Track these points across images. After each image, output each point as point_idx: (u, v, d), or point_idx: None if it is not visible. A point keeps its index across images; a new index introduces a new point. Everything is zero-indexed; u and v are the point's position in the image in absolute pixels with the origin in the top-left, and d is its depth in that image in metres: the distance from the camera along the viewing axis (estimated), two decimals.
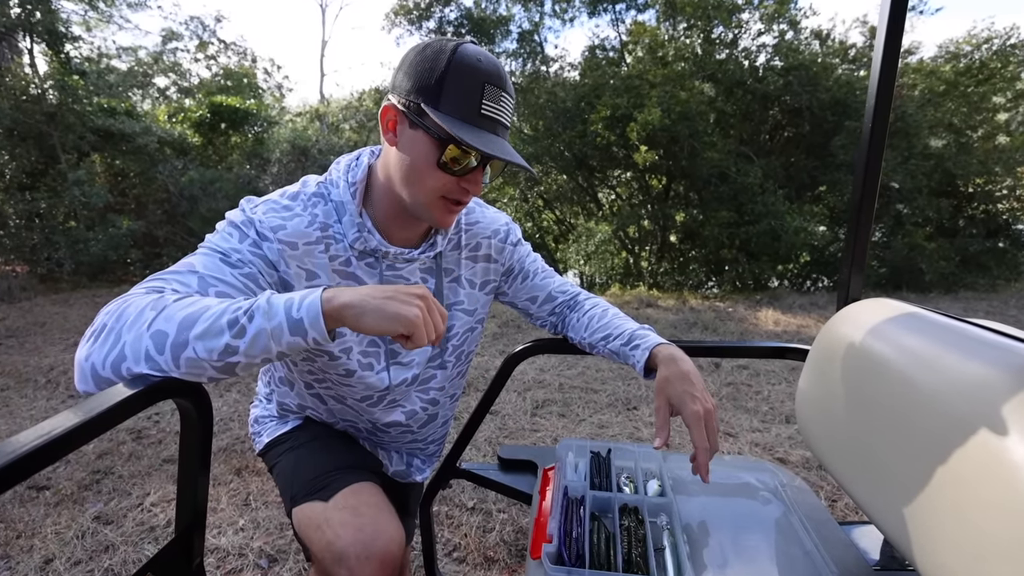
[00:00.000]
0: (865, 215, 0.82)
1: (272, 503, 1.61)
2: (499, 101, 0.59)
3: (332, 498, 0.67)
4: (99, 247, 5.13)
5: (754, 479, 0.82)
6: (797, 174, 5.87)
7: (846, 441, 0.67)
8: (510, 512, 1.57)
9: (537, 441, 2.04)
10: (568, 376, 2.74)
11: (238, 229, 0.62)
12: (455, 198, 0.63)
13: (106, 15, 7.20)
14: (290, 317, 0.49)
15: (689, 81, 5.46)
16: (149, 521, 1.52)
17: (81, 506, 1.59)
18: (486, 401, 0.94)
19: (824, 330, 0.77)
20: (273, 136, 6.41)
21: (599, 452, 0.81)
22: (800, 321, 4.30)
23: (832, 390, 0.71)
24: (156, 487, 1.70)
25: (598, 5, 6.15)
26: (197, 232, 5.49)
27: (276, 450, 0.80)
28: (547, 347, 0.90)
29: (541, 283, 0.86)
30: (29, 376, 2.79)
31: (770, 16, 5.70)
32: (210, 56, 8.11)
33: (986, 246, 5.93)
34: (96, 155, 5.73)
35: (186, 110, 6.34)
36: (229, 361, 0.49)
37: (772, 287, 5.79)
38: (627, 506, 0.68)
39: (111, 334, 0.49)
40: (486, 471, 0.98)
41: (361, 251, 0.67)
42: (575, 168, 6.15)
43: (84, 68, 5.92)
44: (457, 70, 0.58)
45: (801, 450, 2.00)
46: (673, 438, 2.10)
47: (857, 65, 6.00)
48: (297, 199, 0.66)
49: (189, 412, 0.54)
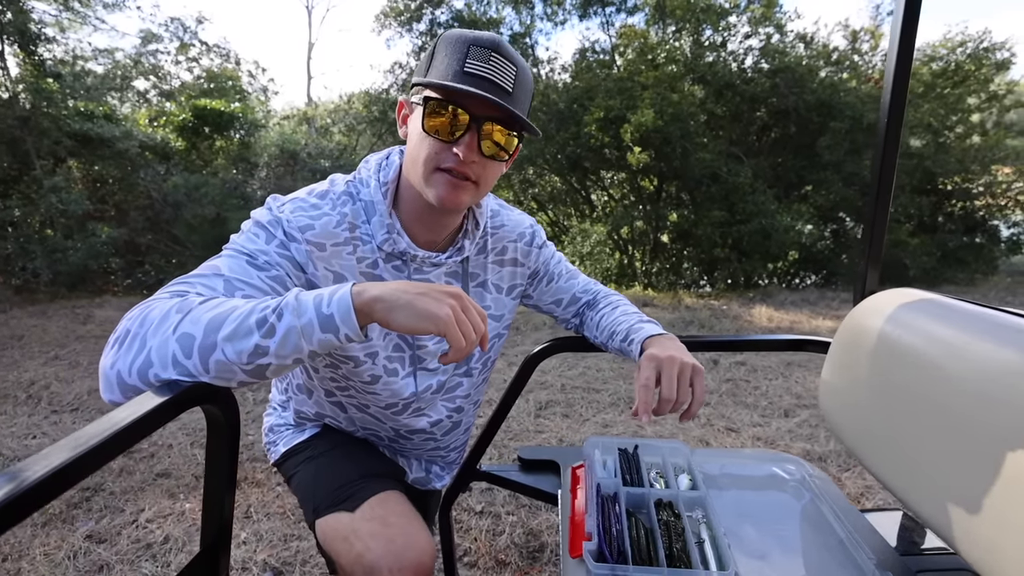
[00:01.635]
0: (881, 209, 0.83)
1: (274, 515, 1.57)
2: (488, 60, 0.56)
3: (358, 508, 0.65)
4: (78, 256, 4.97)
5: (781, 471, 0.83)
6: (785, 174, 6.00)
7: (876, 430, 0.67)
8: (519, 515, 1.56)
9: (543, 442, 2.05)
10: (570, 376, 2.75)
11: (265, 229, 0.60)
12: (448, 166, 0.59)
13: (81, 16, 7.00)
14: (320, 313, 0.47)
15: (680, 83, 5.56)
16: (145, 538, 1.47)
17: (71, 525, 1.52)
18: (506, 403, 0.93)
19: (847, 322, 0.77)
20: (260, 140, 6.31)
21: (626, 449, 0.81)
22: (792, 317, 4.39)
23: (859, 380, 0.71)
24: (151, 503, 1.65)
25: (588, 8, 6.23)
26: (182, 239, 5.37)
27: (294, 460, 0.78)
28: (567, 345, 0.89)
29: (566, 285, 0.85)
30: (8, 392, 2.68)
31: (757, 19, 5.84)
32: (192, 58, 7.97)
33: (964, 242, 6.15)
34: (73, 161, 5.56)
35: (168, 114, 6.20)
36: (259, 363, 0.47)
37: (763, 285, 5.90)
38: (661, 501, 0.68)
39: (136, 340, 0.47)
40: (507, 472, 0.97)
41: (389, 253, 0.65)
42: (569, 170, 6.19)
43: (59, 71, 5.74)
44: (444, 41, 0.58)
45: (802, 443, 2.04)
46: (690, 430, 2.14)
47: (839, 68, 6.17)
48: (326, 198, 0.64)
49: (218, 420, 0.52)
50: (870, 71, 6.39)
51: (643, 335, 0.72)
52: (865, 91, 5.78)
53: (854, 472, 1.81)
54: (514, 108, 0.57)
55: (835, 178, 5.66)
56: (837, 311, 4.58)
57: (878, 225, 0.84)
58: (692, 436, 2.08)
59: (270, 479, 1.79)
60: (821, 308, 4.72)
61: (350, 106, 7.57)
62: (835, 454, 1.93)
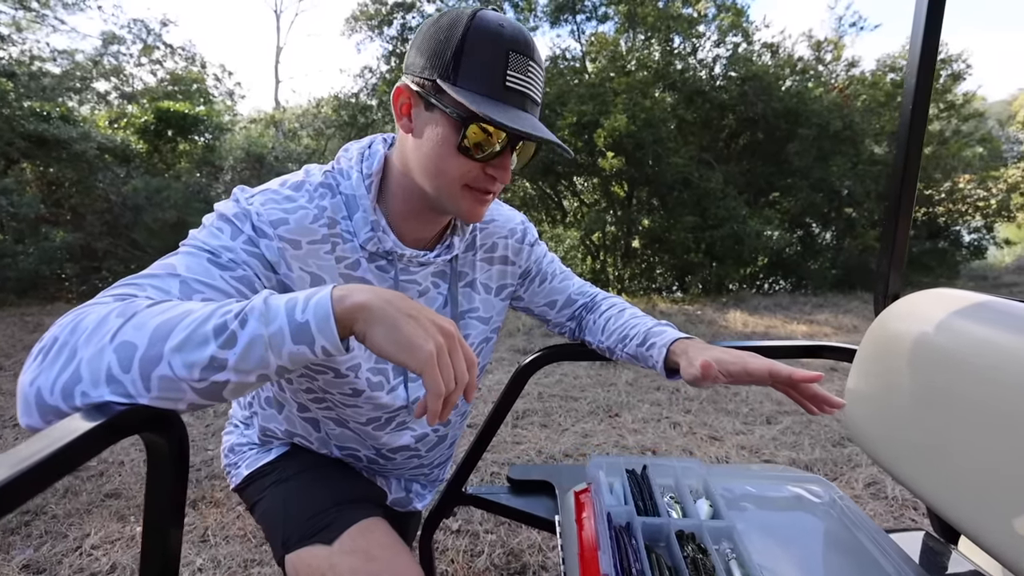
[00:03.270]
0: (905, 209, 0.79)
1: (234, 538, 1.50)
2: (527, 72, 0.51)
3: (336, 540, 0.59)
4: (29, 261, 4.76)
5: (805, 492, 0.76)
6: (754, 180, 6.18)
7: (915, 440, 0.62)
8: (498, 532, 1.50)
9: (521, 454, 2.01)
10: (546, 384, 2.73)
11: (230, 223, 0.52)
12: (482, 187, 0.55)
13: (39, 16, 6.74)
14: (293, 320, 0.39)
15: (651, 89, 5.67)
16: (89, 567, 1.37)
17: (6, 554, 1.42)
18: (494, 420, 0.86)
19: (875, 326, 0.73)
20: (226, 143, 6.18)
21: (634, 470, 0.72)
22: (767, 322, 4.49)
23: (893, 388, 0.66)
24: (97, 526, 1.55)
25: (559, 16, 6.31)
26: (142, 244, 5.17)
27: (258, 484, 0.70)
28: (562, 354, 0.83)
29: (560, 286, 0.79)
30: None
31: (725, 28, 6.02)
32: (155, 61, 7.77)
33: (927, 247, 6.43)
34: (27, 162, 5.32)
35: (129, 116, 6.01)
36: (215, 380, 0.39)
37: (734, 290, 6.04)
38: (683, 533, 0.60)
39: (64, 350, 0.39)
40: (496, 495, 0.89)
41: (373, 252, 0.59)
42: (541, 175, 6.24)
43: (14, 70, 5.49)
44: (476, 39, 0.50)
45: (787, 451, 2.04)
46: (673, 439, 2.10)
47: (804, 77, 6.40)
48: (301, 189, 0.57)
49: (160, 450, 0.43)
50: (834, 81, 6.66)
51: (667, 339, 0.66)
52: (830, 100, 6.02)
53: (841, 480, 1.81)
54: (539, 115, 0.55)
55: (802, 184, 5.86)
56: (810, 315, 4.72)
57: (901, 225, 0.79)
58: (675, 445, 2.06)
59: (230, 498, 1.71)
60: (794, 312, 4.85)
61: (319, 110, 7.49)
62: (821, 462, 1.93)
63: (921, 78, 0.74)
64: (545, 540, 1.47)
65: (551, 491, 0.85)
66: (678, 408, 2.45)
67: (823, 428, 2.24)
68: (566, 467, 0.94)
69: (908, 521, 1.59)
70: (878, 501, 1.69)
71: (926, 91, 0.75)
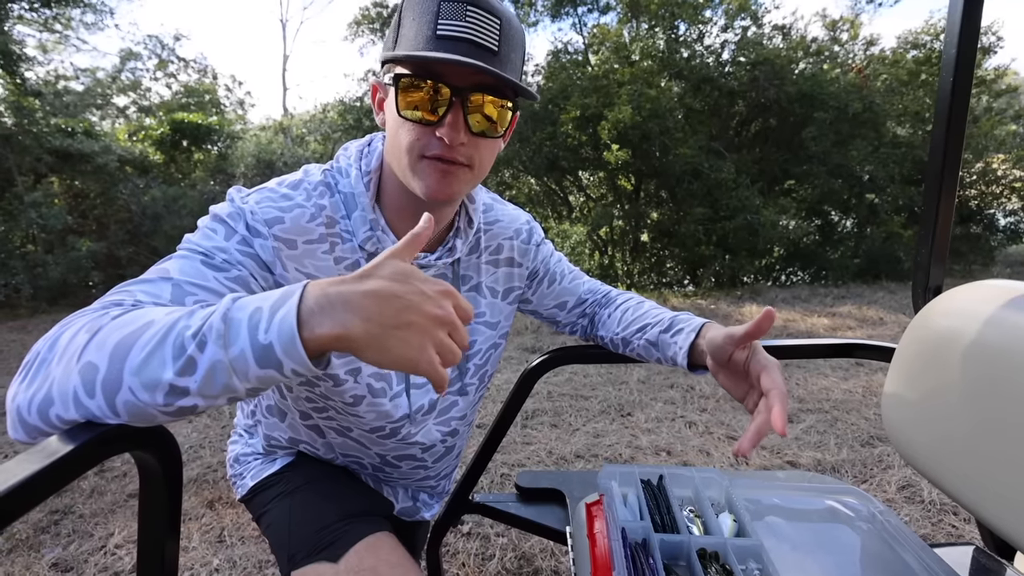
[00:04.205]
0: (947, 194, 0.73)
1: (249, 539, 1.54)
2: (464, 17, 0.47)
3: (342, 557, 0.57)
4: (59, 270, 5.01)
5: (840, 504, 0.70)
6: (768, 168, 6.01)
7: (963, 448, 0.58)
8: (509, 536, 1.47)
9: (531, 455, 1.97)
10: (556, 383, 2.69)
11: (224, 224, 0.50)
12: (434, 153, 0.50)
13: (62, 37, 7.05)
14: (255, 341, 0.35)
15: (656, 79, 5.57)
16: (113, 566, 1.43)
17: (37, 552, 1.49)
18: (501, 425, 0.83)
19: (917, 323, 0.68)
20: (237, 151, 6.37)
21: (650, 480, 0.68)
22: (786, 315, 4.36)
23: (939, 391, 0.61)
24: (120, 526, 1.61)
25: (560, 9, 6.26)
26: (161, 251, 5.36)
27: (264, 496, 0.68)
28: (571, 356, 0.80)
29: (570, 286, 0.76)
30: None
31: (733, 12, 5.86)
32: (170, 74, 8.10)
33: (959, 232, 6.14)
34: (54, 176, 5.62)
35: (147, 128, 6.25)
36: (182, 405, 0.36)
37: (749, 282, 5.89)
38: (706, 551, 0.56)
39: (41, 368, 0.38)
40: (504, 504, 0.86)
41: (372, 253, 0.57)
42: (546, 171, 6.21)
43: (40, 90, 5.78)
44: (410, 3, 0.50)
45: (811, 451, 1.94)
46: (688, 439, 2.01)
47: (819, 59, 6.19)
48: (299, 188, 0.55)
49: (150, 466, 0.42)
50: (852, 61, 6.42)
51: (696, 324, 0.62)
52: (847, 81, 5.80)
53: (872, 483, 1.71)
54: (503, 70, 0.48)
55: (820, 170, 5.66)
56: (831, 308, 4.54)
57: (943, 212, 0.73)
58: (691, 446, 2.00)
59: None
60: (814, 305, 4.69)
61: (325, 115, 7.65)
62: (849, 463, 1.83)
63: (962, 51, 0.68)
64: (558, 545, 1.44)
65: (561, 499, 0.82)
66: (693, 407, 2.38)
67: (849, 427, 2.13)
68: (576, 474, 0.90)
69: (948, 528, 1.49)
70: (913, 505, 1.57)
71: (968, 64, 0.69)
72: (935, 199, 0.73)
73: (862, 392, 2.53)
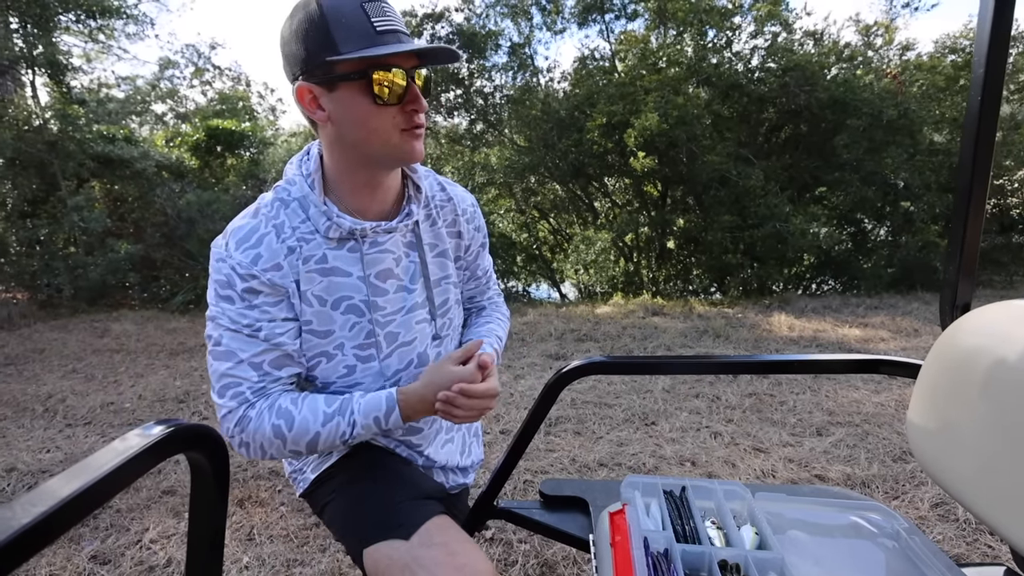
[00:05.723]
0: (976, 208, 0.72)
1: (278, 538, 1.56)
2: (384, 13, 0.58)
3: (415, 534, 0.63)
4: (98, 272, 5.20)
5: (864, 520, 0.70)
6: (798, 175, 5.89)
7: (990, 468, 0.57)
8: (532, 543, 1.48)
9: (554, 462, 1.99)
10: (579, 391, 2.69)
11: (230, 295, 0.63)
12: (411, 124, 0.62)
13: (105, 47, 7.39)
14: (380, 427, 0.66)
15: (684, 85, 5.54)
16: (148, 560, 1.47)
17: (77, 544, 1.54)
18: (526, 434, 0.85)
19: (943, 340, 0.67)
20: (269, 156, 6.55)
21: (672, 491, 0.70)
22: (816, 325, 4.25)
23: (964, 410, 0.61)
24: (155, 521, 1.66)
25: (587, 16, 6.29)
26: (194, 254, 5.52)
27: (327, 486, 0.75)
28: (600, 368, 0.80)
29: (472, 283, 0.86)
30: (27, 405, 2.77)
31: (763, 18, 5.78)
32: (205, 82, 8.39)
33: (999, 242, 5.89)
34: (95, 181, 5.86)
35: (183, 135, 6.47)
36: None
37: (778, 291, 5.75)
38: (727, 563, 0.57)
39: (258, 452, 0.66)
40: (528, 510, 0.88)
41: (338, 238, 0.66)
42: (571, 177, 6.19)
43: (84, 98, 6.06)
44: (331, 9, 0.57)
45: (841, 465, 1.90)
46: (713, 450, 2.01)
47: (852, 64, 6.04)
48: (258, 215, 0.65)
49: (203, 467, 0.48)
50: (886, 67, 6.23)
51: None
52: (883, 87, 5.64)
53: (904, 500, 1.67)
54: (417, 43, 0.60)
55: (853, 178, 5.52)
56: (863, 318, 4.43)
57: (971, 225, 0.72)
58: (716, 457, 1.99)
59: (274, 498, 1.79)
60: (845, 315, 4.56)
61: None
62: (880, 479, 1.79)
63: (992, 57, 0.68)
64: (580, 552, 1.44)
65: (584, 507, 0.84)
66: (719, 417, 2.35)
67: (882, 441, 2.08)
68: (600, 483, 0.92)
69: (983, 548, 1.45)
70: (947, 524, 1.53)
71: (998, 77, 0.68)
72: (963, 215, 0.73)
73: (895, 406, 2.45)
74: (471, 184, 6.34)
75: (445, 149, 7.20)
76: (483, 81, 6.48)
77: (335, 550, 1.48)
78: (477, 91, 6.47)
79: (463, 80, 6.36)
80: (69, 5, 5.78)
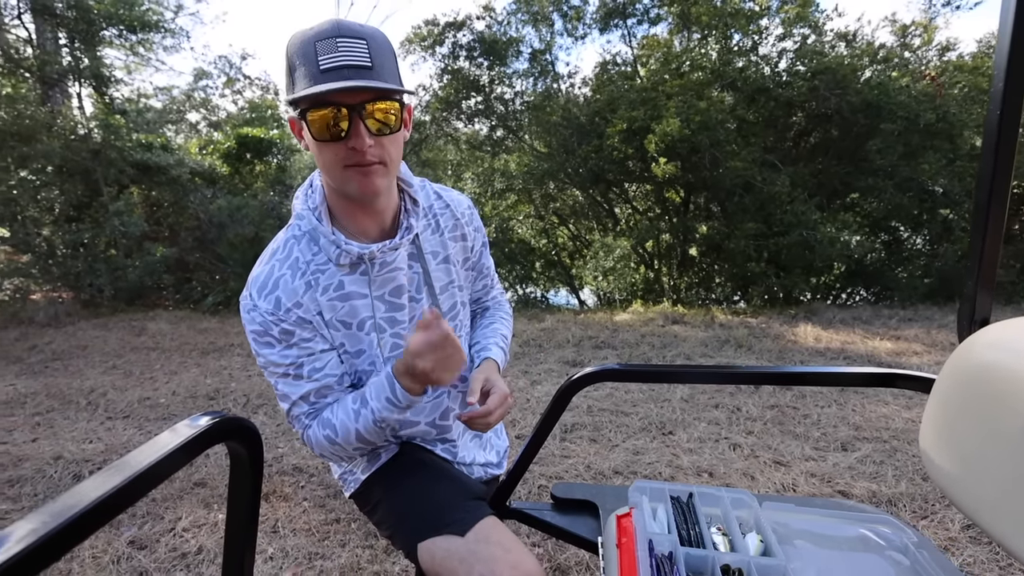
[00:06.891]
0: (995, 221, 0.70)
1: (300, 531, 1.64)
2: (336, 49, 0.59)
3: (470, 531, 0.67)
4: (136, 273, 5.52)
5: (872, 532, 0.70)
6: (828, 181, 5.75)
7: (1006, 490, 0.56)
8: (545, 547, 1.52)
9: (569, 468, 2.01)
10: (596, 398, 2.71)
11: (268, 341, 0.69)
12: (353, 162, 0.63)
13: (145, 59, 7.83)
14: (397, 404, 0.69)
15: (707, 90, 5.49)
16: (181, 547, 1.57)
17: (117, 530, 1.66)
18: (538, 437, 0.87)
19: (958, 355, 0.66)
20: (295, 163, 6.78)
21: (679, 497, 0.72)
22: (844, 337, 4.14)
23: (979, 428, 0.60)
24: (188, 511, 1.76)
25: (609, 21, 6.32)
26: (224, 257, 5.78)
27: (380, 486, 0.80)
28: (613, 375, 0.81)
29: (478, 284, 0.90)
30: (71, 398, 2.98)
31: (791, 20, 5.68)
32: (236, 91, 8.78)
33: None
34: (134, 187, 6.22)
35: (215, 142, 6.81)
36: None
37: (805, 301, 5.59)
38: (729, 568, 0.59)
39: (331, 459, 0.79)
40: (540, 512, 0.90)
41: (350, 263, 0.70)
42: (591, 183, 6.20)
43: (125, 108, 6.45)
44: (293, 50, 0.61)
45: (866, 482, 1.86)
46: (733, 462, 1.99)
47: (888, 66, 5.87)
48: (275, 257, 0.71)
49: (241, 456, 0.53)
50: (924, 68, 6.03)
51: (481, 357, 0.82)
52: (920, 89, 5.46)
53: (933, 520, 1.63)
54: (380, 79, 0.60)
55: (886, 184, 5.35)
56: (896, 330, 4.29)
57: (991, 237, 0.70)
58: (734, 469, 1.98)
59: (297, 493, 1.88)
60: (876, 327, 4.42)
61: None
62: (907, 497, 1.75)
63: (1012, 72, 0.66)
64: (592, 558, 1.47)
65: (595, 511, 0.86)
66: (739, 428, 2.33)
67: (911, 458, 2.02)
68: (611, 488, 0.94)
69: (1018, 574, 1.41)
70: (979, 547, 1.48)
71: (1019, 83, 0.66)
72: (982, 228, 0.71)
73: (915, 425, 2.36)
74: (490, 190, 6.44)
75: (465, 155, 7.33)
76: (503, 87, 6.59)
77: (354, 545, 1.56)
78: (497, 97, 6.59)
79: (483, 87, 6.48)
80: (113, 20, 6.19)
